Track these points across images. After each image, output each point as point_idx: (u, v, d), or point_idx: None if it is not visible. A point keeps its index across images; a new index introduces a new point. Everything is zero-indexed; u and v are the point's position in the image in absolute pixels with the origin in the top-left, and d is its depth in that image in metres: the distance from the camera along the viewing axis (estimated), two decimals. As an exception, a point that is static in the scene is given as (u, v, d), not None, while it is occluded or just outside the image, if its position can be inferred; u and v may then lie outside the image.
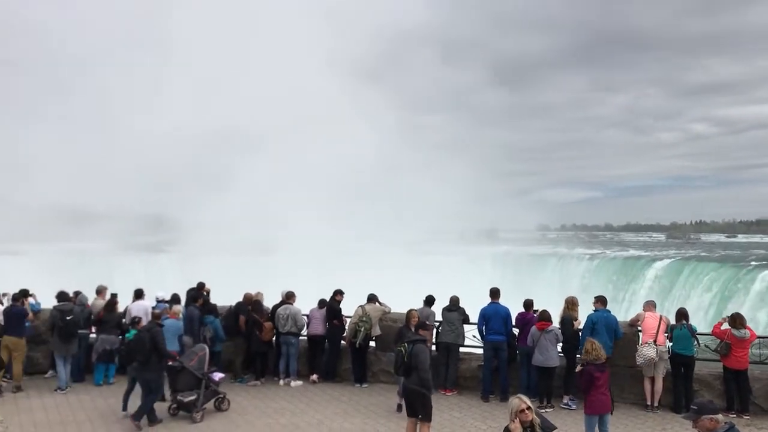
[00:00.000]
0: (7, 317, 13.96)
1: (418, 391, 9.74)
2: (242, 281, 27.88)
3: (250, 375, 14.95)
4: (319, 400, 13.39)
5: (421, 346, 9.82)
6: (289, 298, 15.00)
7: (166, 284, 22.55)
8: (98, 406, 12.89)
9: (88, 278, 29.99)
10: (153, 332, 11.64)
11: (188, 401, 11.94)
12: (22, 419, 11.78)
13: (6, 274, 35.15)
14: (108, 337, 14.46)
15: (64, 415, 12.22)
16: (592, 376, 9.48)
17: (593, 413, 9.57)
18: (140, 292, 15.36)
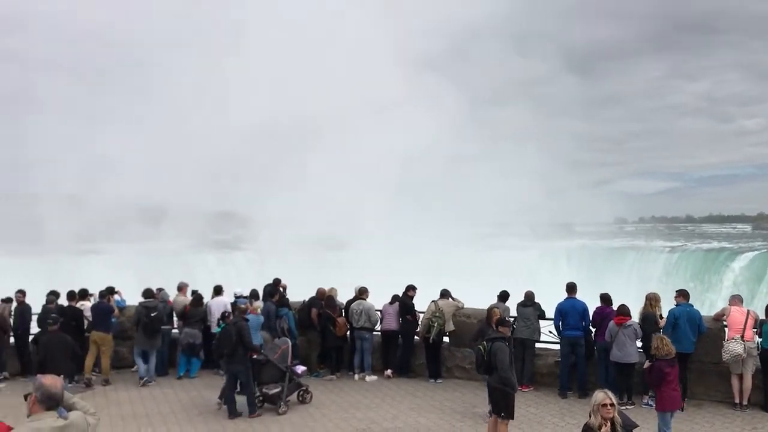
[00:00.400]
0: (95, 313, 14.60)
1: (501, 390, 9.64)
2: (314, 277, 28.24)
3: (326, 370, 15.15)
4: (393, 395, 13.44)
5: (500, 344, 9.68)
6: (362, 293, 15.12)
7: (242, 281, 23.10)
8: (181, 399, 13.32)
9: (167, 276, 31.03)
10: (239, 326, 11.99)
11: (273, 393, 12.26)
12: (111, 412, 12.29)
13: (90, 272, 36.81)
14: (192, 331, 14.96)
15: (149, 408, 12.69)
16: (663, 371, 9.30)
17: (665, 410, 9.42)
18: (219, 289, 15.80)
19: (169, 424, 11.67)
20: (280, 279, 16.51)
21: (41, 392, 4.72)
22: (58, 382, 4.82)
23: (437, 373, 14.60)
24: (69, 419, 4.81)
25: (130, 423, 11.70)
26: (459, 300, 14.97)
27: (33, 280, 31.04)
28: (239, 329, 11.94)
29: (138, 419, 11.94)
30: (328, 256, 50.31)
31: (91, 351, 14.46)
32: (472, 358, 13.97)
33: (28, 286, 16.21)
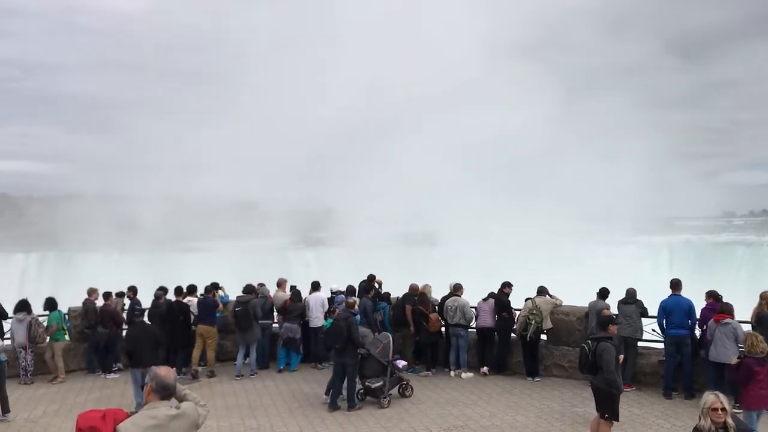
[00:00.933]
0: (200, 308, 15.26)
1: (606, 391, 9.40)
2: (408, 273, 28.31)
3: (421, 366, 15.20)
4: (490, 393, 13.32)
5: (605, 344, 9.40)
6: (456, 290, 15.07)
7: (338, 277, 23.49)
8: (281, 392, 13.72)
9: (265, 272, 31.98)
10: (348, 321, 12.24)
11: (375, 387, 12.48)
12: (216, 403, 12.80)
13: (195, 268, 38.39)
14: (291, 325, 15.38)
15: (252, 400, 13.14)
16: (752, 369, 9.07)
17: (750, 408, 9.16)
18: (317, 285, 16.15)
19: (270, 415, 12.04)
20: (375, 275, 16.69)
21: (156, 382, 4.99)
22: (172, 373, 5.08)
23: (535, 372, 14.35)
24: (181, 409, 5.06)
25: (234, 413, 12.15)
26: (557, 297, 14.66)
27: (142, 275, 32.81)
28: (348, 324, 12.19)
29: (241, 410, 12.39)
30: (422, 251, 50.49)
31: (198, 344, 15.12)
32: (571, 357, 13.70)
33: (136, 282, 17.15)
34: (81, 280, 33.30)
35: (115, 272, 45.46)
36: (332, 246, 58.60)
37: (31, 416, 12.16)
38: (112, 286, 16.80)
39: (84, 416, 4.91)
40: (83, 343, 15.72)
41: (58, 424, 11.64)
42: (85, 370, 15.65)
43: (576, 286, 17.62)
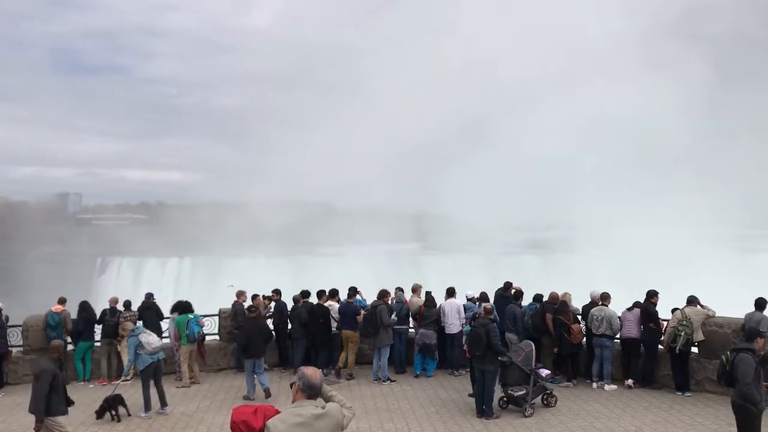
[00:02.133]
0: (342, 312, 15.70)
1: (741, 406, 8.71)
2: (544, 280, 27.62)
3: (562, 376, 14.76)
4: (636, 407, 12.69)
5: (744, 355, 8.73)
6: (603, 299, 14.48)
7: (473, 283, 23.32)
8: (418, 397, 13.81)
9: (400, 277, 32.35)
10: (488, 328, 12.16)
11: (518, 395, 12.30)
12: (355, 405, 13.04)
13: (334, 273, 39.58)
14: (427, 331, 15.45)
15: (390, 403, 13.32)
16: None
17: None
18: (452, 291, 16.12)
19: (408, 420, 12.15)
20: (512, 282, 16.44)
21: (303, 382, 5.18)
22: (318, 373, 5.25)
23: (685, 386, 13.51)
24: (326, 409, 5.22)
25: (372, 416, 12.37)
26: (708, 307, 13.75)
27: (285, 279, 34.28)
28: (488, 331, 12.09)
29: (380, 413, 12.59)
30: (558, 257, 49.13)
31: (344, 347, 15.58)
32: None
33: (280, 285, 17.89)
34: (228, 281, 35.28)
35: (262, 275, 47.83)
36: (466, 252, 58.26)
37: (186, 410, 13.01)
38: (258, 288, 17.62)
39: (238, 410, 5.20)
40: (232, 343, 16.60)
41: (210, 419, 12.36)
42: (234, 368, 16.50)
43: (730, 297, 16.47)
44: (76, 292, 21.28)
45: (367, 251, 58.62)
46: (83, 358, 15.73)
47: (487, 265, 50.45)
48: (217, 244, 66.30)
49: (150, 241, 73.69)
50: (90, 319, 15.85)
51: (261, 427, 5.05)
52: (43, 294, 43.31)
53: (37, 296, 44.73)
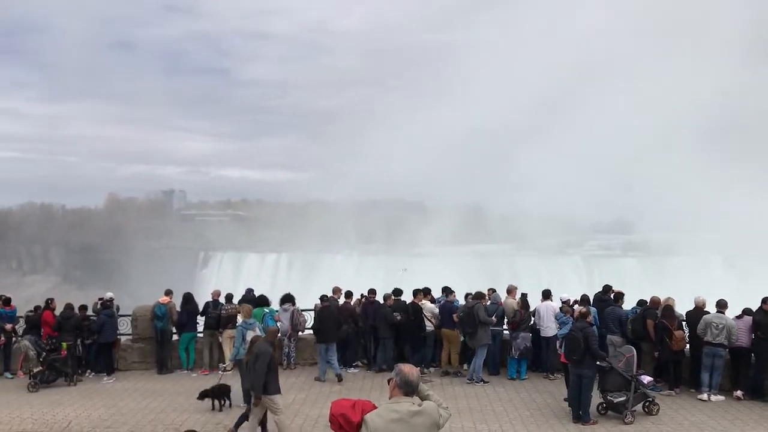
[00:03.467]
0: (441, 312, 15.73)
1: None
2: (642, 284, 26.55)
3: (663, 384, 14.17)
4: (746, 419, 12.02)
5: None
6: (722, 306, 13.71)
7: (569, 286, 22.77)
8: (512, 399, 13.61)
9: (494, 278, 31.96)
10: (586, 332, 11.86)
11: (618, 402, 11.93)
12: (448, 405, 13.02)
13: (426, 272, 39.61)
14: (525, 334, 15.21)
15: (483, 404, 13.20)
16: None
17: None
18: (548, 293, 15.80)
19: (502, 422, 12.01)
20: (611, 286, 15.94)
21: (400, 378, 5.21)
22: (415, 371, 5.27)
23: (801, 400, 12.69)
24: (423, 406, 5.23)
25: (465, 417, 12.30)
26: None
27: (377, 277, 34.62)
28: (586, 335, 11.78)
29: (473, 414, 12.50)
30: (663, 262, 47.14)
31: (444, 347, 15.61)
32: None
33: (372, 284, 18.08)
34: (325, 278, 36.03)
35: (354, 273, 48.57)
36: (562, 254, 56.93)
37: (284, 402, 13.34)
38: (351, 285, 17.87)
39: (337, 404, 5.31)
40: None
41: (306, 411, 12.65)
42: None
43: None
44: (180, 285, 22.23)
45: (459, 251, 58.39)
46: (187, 348, 16.45)
47: (582, 268, 49.10)
48: (313, 241, 67.82)
49: (249, 237, 76.30)
50: (193, 310, 16.55)
51: (359, 421, 5.13)
52: (149, 286, 45.70)
53: (145, 288, 47.20)
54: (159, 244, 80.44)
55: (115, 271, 73.40)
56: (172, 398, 13.75)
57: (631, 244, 58.18)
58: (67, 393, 14.30)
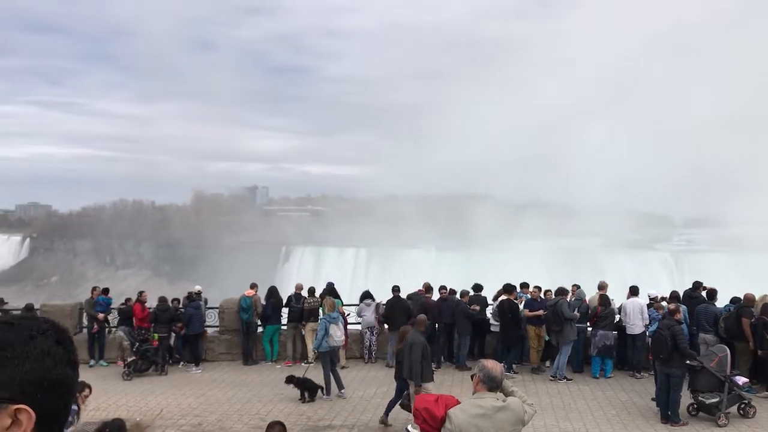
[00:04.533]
0: (528, 307, 15.55)
1: None
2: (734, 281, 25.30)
3: (761, 386, 13.50)
4: None
5: None
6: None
7: (658, 282, 21.99)
8: (597, 397, 13.28)
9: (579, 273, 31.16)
10: (673, 330, 11.47)
11: (710, 403, 11.48)
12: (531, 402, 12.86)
13: (508, 267, 39.09)
14: (605, 332, 14.80)
15: (566, 402, 12.94)
16: None
17: None
18: (635, 289, 15.31)
19: (585, 420, 11.74)
20: (701, 282, 15.32)
21: (483, 374, 5.18)
22: (499, 367, 5.23)
23: None
24: (507, 402, 5.18)
25: (548, 414, 12.08)
26: None
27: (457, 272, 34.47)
28: (673, 333, 11.38)
29: (556, 411, 12.27)
30: (756, 258, 44.83)
31: (532, 344, 15.43)
32: None
33: (451, 279, 18.02)
34: (403, 273, 36.15)
35: (433, 268, 48.47)
36: (650, 249, 55.02)
37: (364, 395, 13.51)
38: (431, 281, 17.84)
39: (420, 398, 5.33)
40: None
41: (386, 404, 12.72)
42: None
43: None
44: (263, 279, 22.79)
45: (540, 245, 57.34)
46: (271, 340, 16.86)
47: (671, 263, 47.29)
48: (390, 235, 68.16)
49: (329, 232, 77.39)
50: (277, 303, 16.95)
51: (442, 415, 5.13)
52: (235, 279, 47.05)
53: (231, 281, 48.66)
54: (243, 239, 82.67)
55: (202, 265, 75.94)
56: (257, 389, 14.13)
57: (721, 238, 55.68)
58: (159, 382, 14.93)
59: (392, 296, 16.55)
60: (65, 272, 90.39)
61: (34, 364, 1.30)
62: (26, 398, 1.29)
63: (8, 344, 1.29)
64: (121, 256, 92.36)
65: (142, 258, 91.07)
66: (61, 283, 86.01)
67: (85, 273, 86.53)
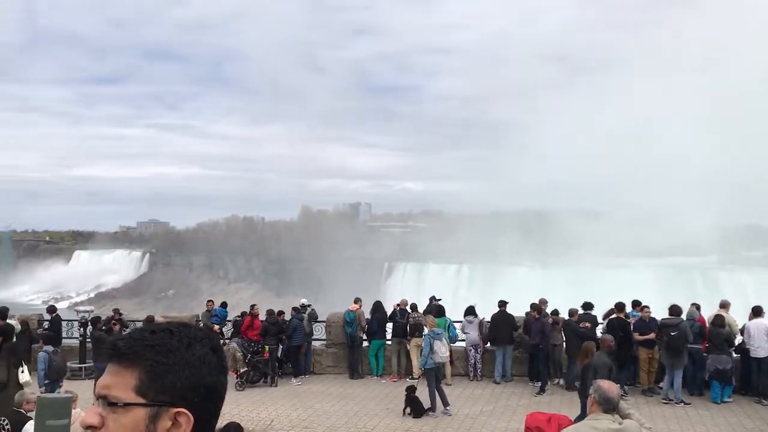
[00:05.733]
0: (637, 328, 14.96)
1: None
2: None
3: None
4: None
5: None
6: None
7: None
8: (718, 424, 12.53)
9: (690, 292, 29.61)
10: None
11: None
12: (645, 424, 12.30)
13: (618, 285, 37.71)
14: (719, 356, 13.92)
15: (684, 427, 12.28)
16: None
17: None
18: (759, 310, 14.39)
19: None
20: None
21: (599, 394, 5.03)
22: (615, 388, 5.06)
23: None
24: (624, 425, 5.00)
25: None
26: None
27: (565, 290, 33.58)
28: None
29: (673, 437, 11.70)
30: None
31: (642, 366, 14.85)
32: None
33: (558, 296, 17.55)
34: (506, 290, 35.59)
35: (536, 286, 47.46)
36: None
37: (470, 413, 13.37)
38: (534, 298, 17.44)
39: (532, 417, 5.23)
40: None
41: (493, 423, 12.56)
42: (526, 375, 16.25)
43: None
44: (367, 293, 23.15)
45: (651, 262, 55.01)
46: (376, 354, 17.02)
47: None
48: (492, 251, 67.32)
49: (430, 247, 77.40)
50: (382, 318, 17.10)
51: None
52: (340, 293, 47.94)
53: (336, 295, 49.57)
54: (348, 254, 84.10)
55: (309, 280, 77.81)
56: (363, 403, 14.29)
57: None
58: (269, 393, 15.39)
59: (498, 310, 16.42)
60: (181, 286, 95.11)
61: (193, 371, 1.40)
62: (185, 402, 1.39)
63: (170, 351, 1.40)
64: (233, 271, 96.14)
65: (252, 272, 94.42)
66: (178, 296, 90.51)
67: (200, 286, 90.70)
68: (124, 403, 1.36)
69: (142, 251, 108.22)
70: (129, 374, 1.38)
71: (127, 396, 1.37)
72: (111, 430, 1.36)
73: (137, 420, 1.36)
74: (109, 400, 1.37)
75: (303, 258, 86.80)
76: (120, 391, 1.37)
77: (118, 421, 1.36)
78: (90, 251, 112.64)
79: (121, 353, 1.39)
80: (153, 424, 1.37)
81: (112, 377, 1.39)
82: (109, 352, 1.42)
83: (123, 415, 1.36)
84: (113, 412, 1.36)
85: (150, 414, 1.37)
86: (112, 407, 1.37)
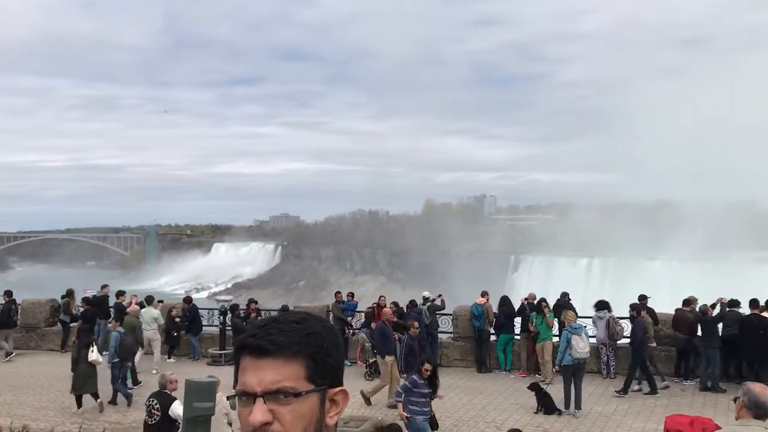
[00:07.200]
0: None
1: None
2: None
3: None
4: None
5: None
6: None
7: None
8: None
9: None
10: None
11: None
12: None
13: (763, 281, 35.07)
14: None
15: None
16: None
17: None
18: None
19: None
20: None
21: (749, 398, 4.69)
22: (767, 391, 4.71)
23: None
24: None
25: None
26: None
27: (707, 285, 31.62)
28: None
29: None
30: None
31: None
32: None
33: (702, 290, 16.58)
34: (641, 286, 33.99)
35: (674, 281, 45.07)
36: None
37: (604, 411, 12.92)
38: (674, 295, 16.62)
39: (672, 419, 4.99)
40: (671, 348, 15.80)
41: (628, 422, 12.09)
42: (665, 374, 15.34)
43: None
44: (492, 287, 22.78)
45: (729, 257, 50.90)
46: (504, 349, 16.83)
47: None
48: (626, 245, 64.45)
49: (560, 240, 75.37)
50: (509, 312, 16.87)
51: (699, 439, 4.75)
52: (464, 287, 47.77)
53: (460, 289, 49.43)
54: (472, 247, 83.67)
55: (432, 273, 78.07)
56: (492, 397, 14.19)
57: None
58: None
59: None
60: (311, 277, 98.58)
61: (339, 352, 1.50)
62: (339, 382, 1.50)
63: (323, 336, 1.47)
64: (359, 263, 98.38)
65: (378, 265, 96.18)
66: (308, 287, 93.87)
67: (329, 278, 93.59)
68: (305, 391, 1.42)
69: (274, 244, 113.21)
70: (295, 364, 1.43)
71: (302, 385, 1.42)
72: (288, 422, 1.41)
73: (313, 406, 1.43)
74: (286, 393, 1.41)
75: (427, 251, 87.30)
76: (294, 383, 1.42)
77: (296, 411, 1.41)
78: (227, 244, 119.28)
79: (283, 346, 1.44)
80: (323, 406, 1.45)
81: (276, 371, 1.42)
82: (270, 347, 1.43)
83: (301, 404, 1.42)
84: (288, 404, 1.41)
85: (320, 398, 1.45)
86: (288, 399, 1.41)
